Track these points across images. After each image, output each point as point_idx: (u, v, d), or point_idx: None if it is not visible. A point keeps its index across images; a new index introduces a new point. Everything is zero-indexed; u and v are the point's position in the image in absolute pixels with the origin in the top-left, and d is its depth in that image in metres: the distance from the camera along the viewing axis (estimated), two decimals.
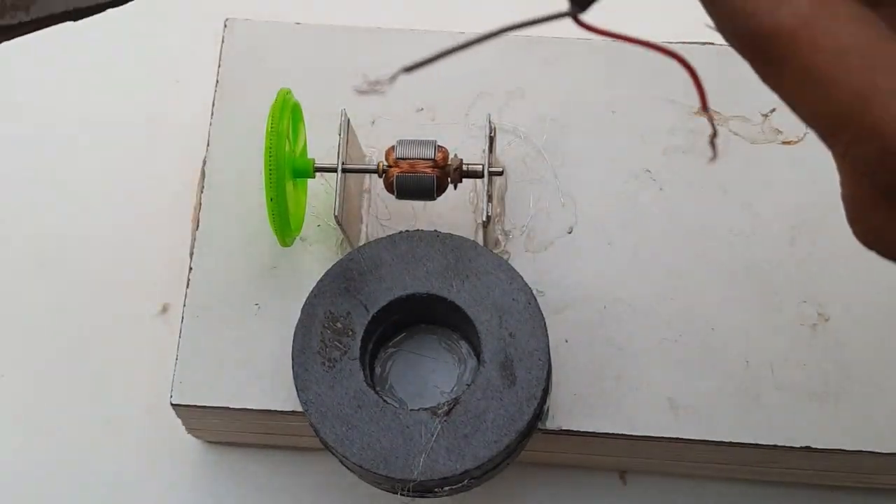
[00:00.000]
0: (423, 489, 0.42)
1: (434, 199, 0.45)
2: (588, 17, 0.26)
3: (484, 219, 0.44)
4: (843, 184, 0.27)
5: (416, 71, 0.25)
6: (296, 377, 0.42)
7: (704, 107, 0.27)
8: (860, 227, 0.27)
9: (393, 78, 0.26)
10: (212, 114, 0.49)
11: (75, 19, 0.31)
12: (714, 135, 0.27)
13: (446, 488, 0.42)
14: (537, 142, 0.49)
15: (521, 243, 0.47)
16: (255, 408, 0.45)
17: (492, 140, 0.46)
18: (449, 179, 0.45)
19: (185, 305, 0.47)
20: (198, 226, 0.48)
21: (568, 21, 0.27)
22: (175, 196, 0.54)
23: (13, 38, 0.31)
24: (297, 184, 0.46)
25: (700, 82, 0.27)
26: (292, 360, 0.43)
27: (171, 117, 0.56)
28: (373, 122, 0.49)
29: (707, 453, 0.46)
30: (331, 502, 0.50)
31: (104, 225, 0.55)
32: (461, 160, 0.45)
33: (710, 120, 0.27)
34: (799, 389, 0.45)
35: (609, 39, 0.49)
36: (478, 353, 0.43)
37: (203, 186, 0.49)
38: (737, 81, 0.40)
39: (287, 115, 0.43)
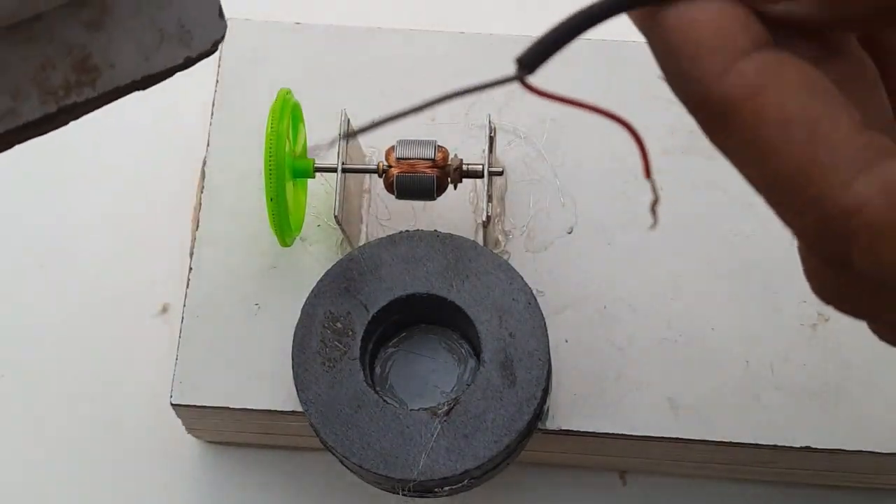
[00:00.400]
0: (423, 489, 0.42)
1: (434, 199, 0.45)
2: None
3: (484, 219, 0.44)
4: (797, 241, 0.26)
5: (364, 134, 0.25)
6: (296, 377, 0.42)
7: (647, 173, 0.26)
8: (814, 285, 0.27)
9: (331, 143, 0.26)
10: (212, 114, 0.49)
11: (143, 88, 0.28)
12: (655, 201, 0.27)
13: (446, 488, 0.42)
14: (537, 142, 0.49)
15: (521, 243, 0.47)
16: (255, 408, 0.45)
17: (492, 140, 0.46)
18: (449, 179, 0.45)
19: (185, 305, 0.47)
20: (198, 226, 0.48)
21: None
22: (175, 196, 0.54)
23: (80, 116, 0.28)
24: (297, 184, 0.46)
25: (645, 149, 0.27)
26: (292, 360, 0.43)
27: (171, 117, 0.56)
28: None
29: (707, 453, 0.46)
30: (331, 502, 0.50)
31: (104, 225, 0.55)
32: (461, 160, 0.45)
33: (653, 187, 0.27)
34: (799, 389, 0.45)
35: (609, 39, 0.49)
36: (478, 353, 0.43)
37: (203, 186, 0.49)
38: None
39: (287, 115, 0.43)
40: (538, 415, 0.43)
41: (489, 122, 0.46)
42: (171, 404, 0.46)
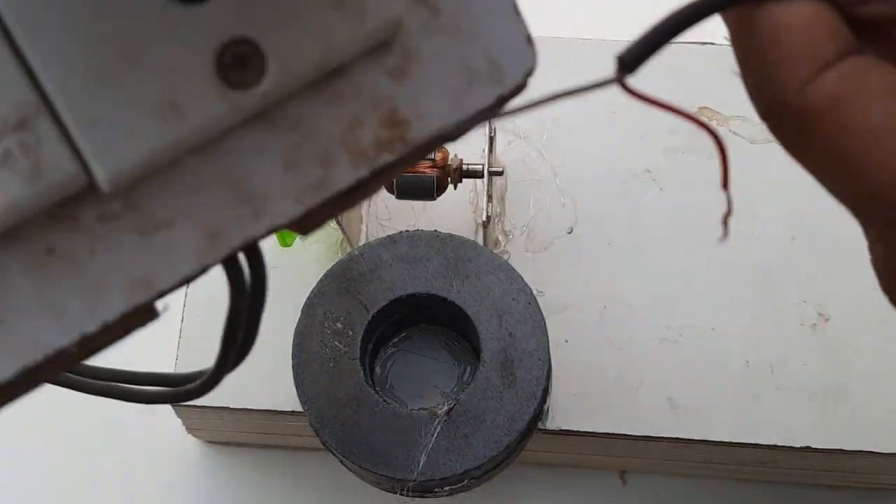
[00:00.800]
0: (423, 489, 0.42)
1: (434, 199, 0.45)
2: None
3: (484, 219, 0.44)
4: (871, 251, 0.25)
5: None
6: (296, 377, 0.42)
7: (725, 185, 0.26)
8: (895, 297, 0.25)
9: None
10: None
11: (454, 139, 0.25)
12: (728, 214, 0.26)
13: (446, 488, 0.42)
14: (537, 142, 0.49)
15: (521, 243, 0.47)
16: (255, 408, 0.45)
17: (492, 140, 0.46)
18: (449, 179, 0.45)
19: (185, 305, 0.46)
20: None
21: (569, 21, 0.26)
22: None
23: (390, 178, 0.25)
24: None
25: (727, 161, 0.26)
26: (292, 360, 0.43)
27: None
28: None
29: (707, 453, 0.46)
30: (331, 502, 0.50)
31: None
32: (461, 160, 0.45)
33: (728, 199, 0.26)
34: (799, 389, 0.45)
35: (611, 38, 0.49)
36: (478, 353, 0.43)
37: None
38: (737, 81, 0.40)
39: None
40: (538, 415, 0.43)
41: (489, 122, 0.46)
42: (172, 404, 0.46)
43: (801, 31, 0.23)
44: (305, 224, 0.23)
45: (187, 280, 0.22)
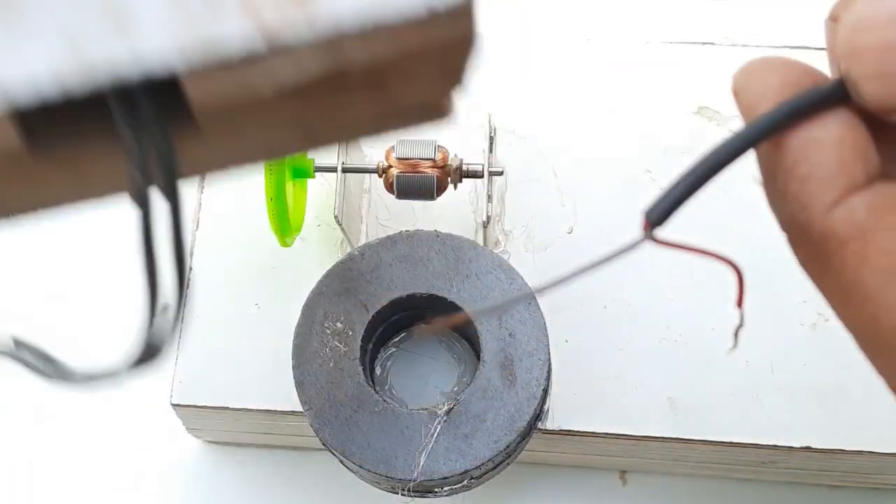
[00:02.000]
0: (423, 489, 0.42)
1: (434, 199, 0.45)
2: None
3: (484, 219, 0.44)
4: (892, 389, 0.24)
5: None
6: (296, 377, 0.42)
7: (739, 304, 0.25)
8: None
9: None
10: None
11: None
12: (740, 326, 0.26)
13: (446, 488, 0.42)
14: (537, 142, 0.49)
15: (521, 243, 0.47)
16: (255, 408, 0.45)
17: (492, 140, 0.46)
18: (449, 179, 0.45)
19: (184, 305, 0.46)
20: (198, 226, 0.48)
21: (565, 21, 0.26)
22: None
23: (312, 102, 0.22)
24: (297, 184, 0.46)
25: (743, 285, 0.25)
26: (292, 360, 0.43)
27: None
28: None
29: (707, 453, 0.46)
30: (331, 502, 0.50)
31: (104, 224, 0.55)
32: (461, 160, 0.45)
33: (741, 315, 0.26)
34: (799, 389, 0.45)
35: (611, 39, 0.49)
36: (478, 353, 0.43)
37: (203, 186, 0.49)
38: None
39: None
40: (538, 415, 0.43)
41: (489, 122, 0.46)
42: (171, 404, 0.46)
43: (831, 148, 0.22)
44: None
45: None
